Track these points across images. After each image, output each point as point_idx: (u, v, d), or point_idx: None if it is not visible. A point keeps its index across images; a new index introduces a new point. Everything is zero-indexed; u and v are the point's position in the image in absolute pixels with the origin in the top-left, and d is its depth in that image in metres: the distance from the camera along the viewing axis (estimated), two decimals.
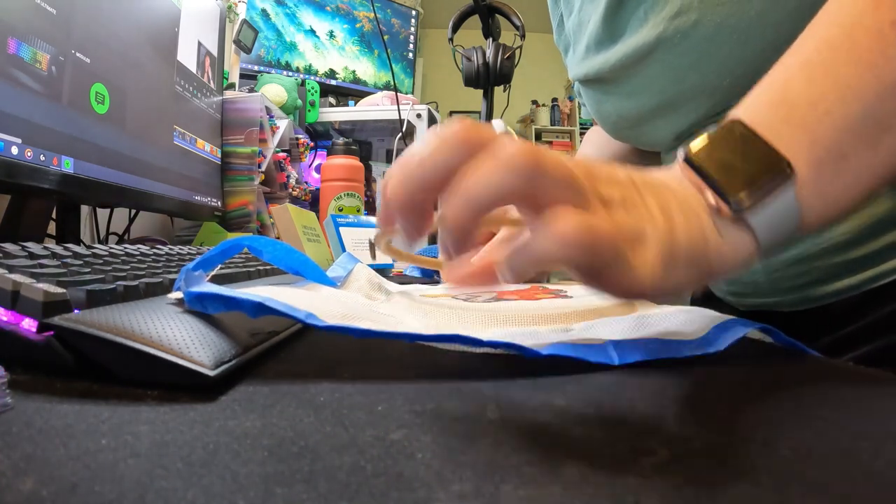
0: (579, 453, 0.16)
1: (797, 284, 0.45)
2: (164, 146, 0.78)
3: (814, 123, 0.27)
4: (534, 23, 1.83)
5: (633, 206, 0.25)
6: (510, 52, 1.22)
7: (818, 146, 0.27)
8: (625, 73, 0.49)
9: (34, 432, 0.17)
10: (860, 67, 0.28)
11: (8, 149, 0.49)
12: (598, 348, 0.27)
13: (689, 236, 0.26)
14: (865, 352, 0.42)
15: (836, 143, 0.27)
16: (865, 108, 0.27)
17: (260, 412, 0.19)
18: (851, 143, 0.27)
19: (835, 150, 0.27)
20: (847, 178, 0.28)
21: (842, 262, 0.42)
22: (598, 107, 0.56)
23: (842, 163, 0.27)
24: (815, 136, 0.27)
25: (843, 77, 0.28)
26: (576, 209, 0.22)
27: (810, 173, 0.27)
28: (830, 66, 0.28)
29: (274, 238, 0.38)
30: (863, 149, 0.27)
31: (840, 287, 0.42)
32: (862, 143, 0.27)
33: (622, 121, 0.54)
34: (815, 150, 0.27)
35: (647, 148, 0.58)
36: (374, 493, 0.13)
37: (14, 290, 0.23)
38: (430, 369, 0.26)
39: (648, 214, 0.25)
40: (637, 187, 0.26)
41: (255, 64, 1.51)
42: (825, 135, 0.27)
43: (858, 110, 0.27)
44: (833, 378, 0.25)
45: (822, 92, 0.28)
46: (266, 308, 0.26)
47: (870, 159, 0.28)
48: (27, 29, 0.51)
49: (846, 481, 0.14)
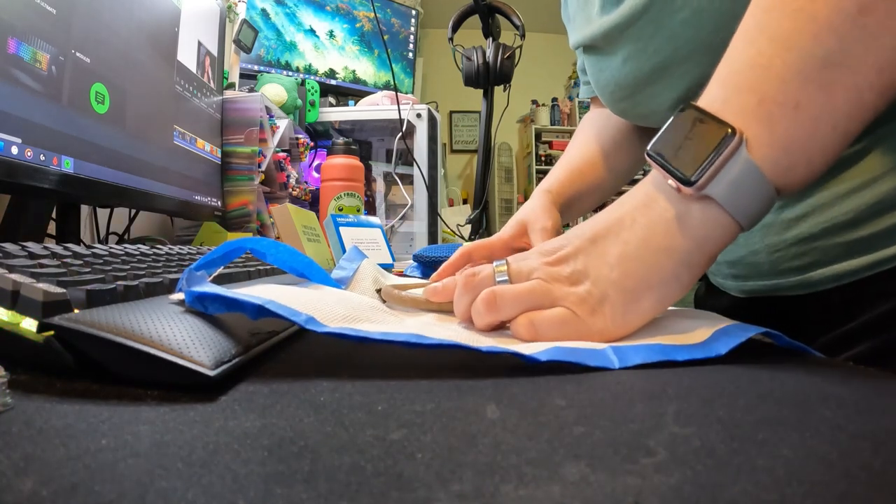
0: (579, 453, 0.16)
1: (798, 265, 0.45)
2: (164, 146, 0.78)
3: (757, 82, 0.28)
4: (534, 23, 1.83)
5: (580, 276, 0.32)
6: (510, 52, 1.22)
7: (767, 102, 0.28)
8: (621, 35, 0.50)
9: (34, 432, 0.17)
10: (790, 15, 0.28)
11: (8, 149, 0.49)
12: (598, 353, 0.27)
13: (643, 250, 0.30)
14: (864, 350, 0.42)
15: (784, 94, 0.28)
16: (804, 51, 0.28)
17: (260, 412, 0.19)
18: (800, 90, 0.28)
19: (784, 102, 0.28)
20: (807, 126, 0.28)
21: (843, 242, 0.42)
22: (598, 76, 0.57)
23: (796, 112, 0.28)
24: (761, 95, 0.28)
25: (776, 30, 0.29)
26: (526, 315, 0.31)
27: (763, 130, 0.28)
28: (765, 24, 0.29)
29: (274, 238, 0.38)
30: (815, 93, 0.28)
31: (840, 271, 0.42)
32: (811, 87, 0.28)
33: (619, 89, 0.54)
34: (764, 107, 0.28)
35: (643, 122, 0.58)
36: (374, 493, 0.13)
37: (14, 290, 0.23)
38: (430, 369, 0.26)
39: (596, 273, 0.31)
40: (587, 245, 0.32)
41: (255, 64, 1.51)
42: (769, 88, 0.28)
43: (797, 56, 0.28)
44: (833, 378, 0.25)
45: (760, 50, 0.29)
46: (267, 311, 0.26)
47: (826, 102, 0.28)
48: (27, 29, 0.51)
49: (846, 481, 0.14)
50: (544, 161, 4.77)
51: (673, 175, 0.29)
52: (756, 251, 0.48)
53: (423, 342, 0.26)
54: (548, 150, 4.81)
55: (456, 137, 5.10)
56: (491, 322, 0.32)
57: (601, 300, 0.31)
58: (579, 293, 0.31)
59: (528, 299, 0.31)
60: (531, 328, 0.30)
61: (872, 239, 0.40)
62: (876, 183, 0.39)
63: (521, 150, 5.04)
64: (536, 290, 0.32)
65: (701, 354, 0.27)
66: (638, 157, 0.70)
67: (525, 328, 0.31)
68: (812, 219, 0.43)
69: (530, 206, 0.64)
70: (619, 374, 0.25)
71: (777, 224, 0.45)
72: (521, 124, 5.01)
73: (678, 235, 0.30)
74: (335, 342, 0.31)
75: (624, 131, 0.69)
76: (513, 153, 4.97)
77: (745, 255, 0.50)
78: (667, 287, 0.31)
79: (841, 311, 0.43)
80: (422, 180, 1.39)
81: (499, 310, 0.32)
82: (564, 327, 0.30)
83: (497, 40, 1.26)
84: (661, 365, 0.26)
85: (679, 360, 0.26)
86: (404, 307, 0.40)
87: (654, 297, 0.31)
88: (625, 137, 0.69)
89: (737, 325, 0.30)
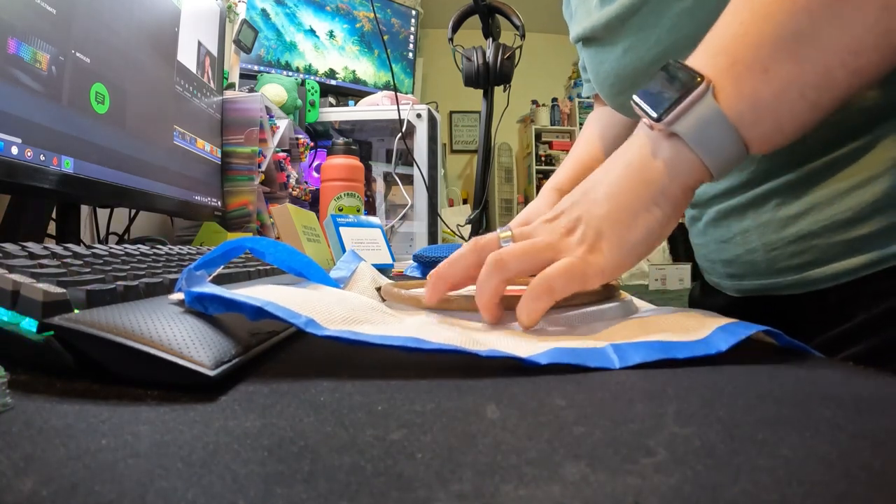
0: (579, 453, 0.16)
1: (795, 264, 0.45)
2: (164, 146, 0.78)
3: (732, 46, 0.32)
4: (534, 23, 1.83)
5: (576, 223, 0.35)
6: (510, 52, 1.22)
7: (738, 63, 0.32)
8: (622, 26, 0.50)
9: (34, 432, 0.17)
10: None
11: (8, 149, 0.49)
12: (598, 353, 0.27)
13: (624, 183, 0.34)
14: (861, 349, 0.42)
15: (755, 58, 0.32)
16: (778, 26, 0.31)
17: (260, 412, 0.19)
18: (770, 57, 0.31)
19: (753, 64, 0.31)
20: (774, 88, 0.31)
21: (841, 241, 0.42)
22: (598, 69, 0.57)
23: (765, 74, 0.31)
24: (734, 57, 0.32)
25: (758, 4, 0.32)
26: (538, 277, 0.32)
27: (731, 85, 0.31)
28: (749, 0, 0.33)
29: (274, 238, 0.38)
30: (784, 62, 0.31)
31: (838, 270, 0.42)
32: (781, 56, 0.31)
33: (619, 81, 0.54)
34: (735, 67, 0.32)
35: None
36: (374, 493, 0.13)
37: (14, 290, 0.23)
38: (430, 369, 0.26)
39: (588, 215, 0.34)
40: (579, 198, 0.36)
41: (255, 64, 1.51)
42: (743, 53, 0.32)
43: (772, 29, 0.31)
44: (833, 378, 0.25)
45: (741, 20, 0.33)
46: (266, 312, 0.26)
47: (795, 72, 0.31)
48: (27, 29, 0.51)
49: (846, 481, 0.14)
50: (544, 161, 4.77)
51: (646, 113, 0.33)
52: (753, 249, 0.48)
53: (423, 346, 0.26)
54: (548, 150, 4.81)
55: (456, 137, 5.10)
56: (498, 283, 0.33)
57: (597, 237, 0.34)
58: (577, 238, 0.34)
59: (532, 253, 0.34)
60: (546, 286, 0.32)
61: (872, 237, 0.40)
62: (876, 181, 0.39)
63: (521, 150, 5.04)
64: (538, 244, 0.34)
65: (701, 351, 0.27)
66: None
67: (541, 289, 0.32)
68: (811, 216, 0.43)
69: (537, 204, 0.64)
70: (619, 373, 0.25)
71: (775, 222, 0.45)
72: (521, 124, 5.01)
73: (651, 167, 0.34)
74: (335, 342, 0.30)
75: (628, 127, 0.69)
76: (513, 153, 4.98)
77: (742, 254, 0.49)
78: (650, 214, 0.33)
79: (838, 310, 0.43)
80: (422, 180, 1.39)
81: (505, 266, 0.33)
82: (572, 276, 0.32)
83: (497, 40, 1.26)
84: (661, 365, 0.26)
85: (680, 357, 0.26)
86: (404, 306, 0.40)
87: (642, 225, 0.33)
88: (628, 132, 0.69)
89: (737, 323, 0.30)
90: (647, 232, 0.34)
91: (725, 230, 0.50)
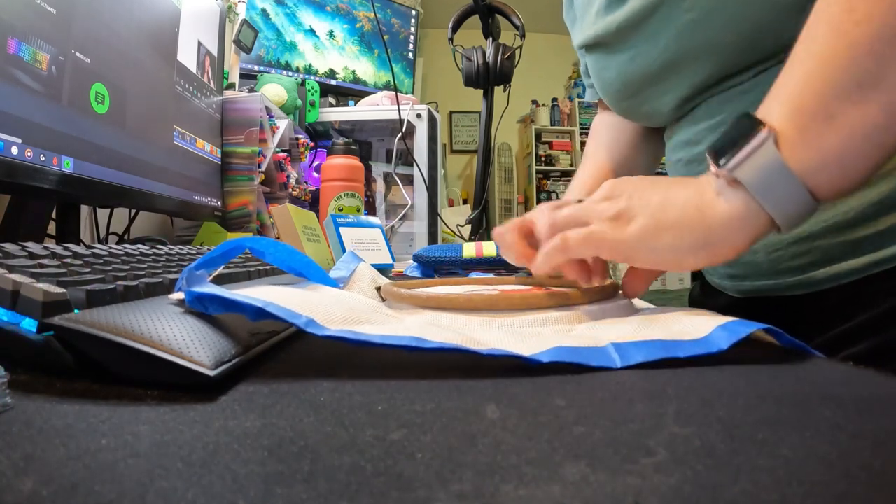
0: (579, 453, 0.16)
1: (797, 265, 0.45)
2: (164, 146, 0.78)
3: (797, 94, 0.32)
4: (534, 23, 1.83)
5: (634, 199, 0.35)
6: (510, 52, 1.22)
7: (802, 112, 0.31)
8: (630, 32, 0.50)
9: (34, 432, 0.17)
10: (833, 39, 0.31)
11: (8, 149, 0.49)
12: (600, 352, 0.27)
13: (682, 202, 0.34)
14: (862, 349, 0.42)
15: (818, 106, 0.31)
16: (842, 72, 0.31)
17: (260, 412, 0.19)
18: (835, 103, 0.31)
19: (817, 112, 0.31)
20: (840, 135, 0.31)
21: (844, 242, 0.42)
22: (603, 74, 0.57)
23: (830, 122, 0.31)
24: (798, 104, 0.32)
25: (820, 48, 0.32)
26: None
27: (795, 134, 0.31)
28: (811, 42, 0.33)
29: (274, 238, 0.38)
30: (849, 107, 0.30)
31: (840, 270, 0.42)
32: (846, 102, 0.31)
33: (626, 87, 0.54)
34: (798, 115, 0.31)
35: (649, 122, 0.58)
36: (374, 493, 0.13)
37: (14, 290, 0.23)
38: (430, 369, 0.26)
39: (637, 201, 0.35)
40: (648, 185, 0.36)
41: (255, 64, 1.51)
42: (807, 100, 0.31)
43: (836, 74, 0.31)
44: (833, 378, 0.25)
45: (805, 68, 0.32)
46: (266, 313, 0.26)
47: (861, 116, 0.30)
48: (27, 29, 0.51)
49: (846, 481, 0.14)
50: (544, 161, 4.77)
51: (711, 158, 0.33)
52: (754, 250, 0.48)
53: (423, 346, 0.26)
54: (548, 150, 4.81)
55: (456, 137, 5.10)
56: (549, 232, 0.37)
57: (630, 219, 0.35)
58: (614, 209, 0.35)
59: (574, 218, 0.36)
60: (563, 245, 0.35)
61: (874, 238, 0.40)
62: (879, 182, 0.39)
63: (521, 150, 5.04)
64: (582, 210, 0.37)
65: (703, 350, 0.27)
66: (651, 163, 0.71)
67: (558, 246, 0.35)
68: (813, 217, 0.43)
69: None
70: (619, 373, 0.25)
71: None
72: (521, 124, 5.01)
73: (711, 202, 0.33)
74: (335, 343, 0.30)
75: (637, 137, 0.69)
76: (513, 153, 4.97)
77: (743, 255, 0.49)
78: (681, 237, 0.33)
79: (839, 310, 0.43)
80: (422, 180, 1.39)
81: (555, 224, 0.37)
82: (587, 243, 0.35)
83: (497, 40, 1.26)
84: (662, 364, 0.26)
85: (681, 356, 0.26)
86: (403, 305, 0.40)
87: (670, 237, 0.34)
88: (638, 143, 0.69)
89: (738, 322, 0.30)
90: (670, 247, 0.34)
91: None
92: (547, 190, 4.77)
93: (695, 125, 0.51)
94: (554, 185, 4.78)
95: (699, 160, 0.51)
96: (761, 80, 0.44)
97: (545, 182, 4.79)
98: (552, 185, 4.78)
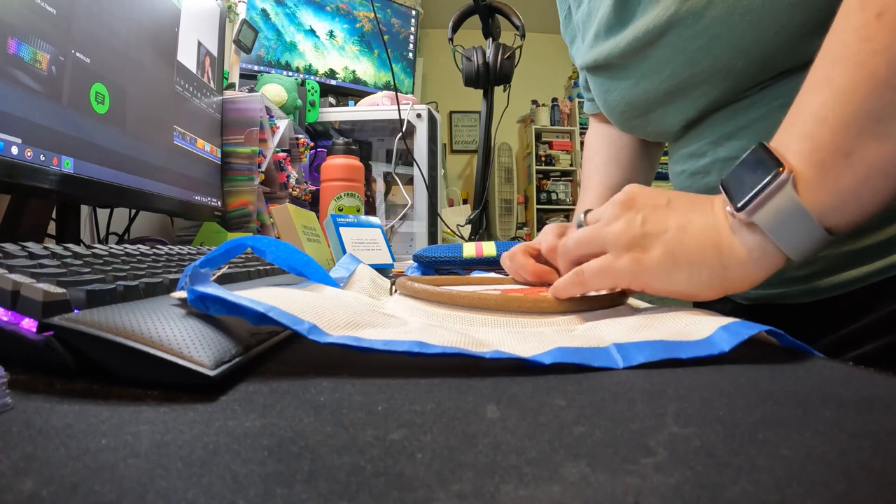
0: (579, 453, 0.16)
1: (803, 275, 0.45)
2: (164, 146, 0.78)
3: (814, 131, 0.31)
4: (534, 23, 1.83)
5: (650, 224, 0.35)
6: (510, 52, 1.22)
7: (820, 150, 0.30)
8: (634, 57, 0.49)
9: (34, 432, 0.17)
10: (852, 69, 0.30)
11: (8, 149, 0.49)
12: (602, 353, 0.27)
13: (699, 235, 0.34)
14: (867, 351, 0.42)
15: (836, 144, 0.30)
16: (860, 106, 0.29)
17: (260, 412, 0.19)
18: (852, 140, 0.30)
19: (835, 150, 0.30)
20: (858, 173, 0.30)
21: (850, 251, 0.41)
22: (606, 96, 0.56)
23: (847, 160, 0.30)
24: (816, 143, 0.31)
25: (838, 82, 0.30)
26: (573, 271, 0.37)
27: (814, 174, 0.30)
28: (828, 74, 0.31)
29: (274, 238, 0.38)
30: (867, 143, 0.30)
31: (847, 278, 0.42)
32: (864, 138, 0.29)
33: (630, 109, 0.54)
34: (816, 154, 0.30)
35: (654, 138, 0.58)
36: (374, 493, 0.13)
37: (14, 290, 0.23)
38: (430, 369, 0.26)
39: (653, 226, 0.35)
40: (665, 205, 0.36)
41: (255, 64, 1.51)
42: (825, 139, 0.30)
43: (854, 110, 0.30)
44: (833, 378, 0.25)
45: (822, 101, 0.31)
46: (269, 319, 0.26)
47: (879, 152, 0.30)
48: (27, 29, 0.51)
49: (846, 481, 0.14)
50: (544, 161, 4.77)
51: (727, 196, 0.33)
52: None
53: (426, 351, 0.26)
54: (548, 150, 4.81)
55: (456, 137, 5.10)
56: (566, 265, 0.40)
57: (645, 249, 0.35)
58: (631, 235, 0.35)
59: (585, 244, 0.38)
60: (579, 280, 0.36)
61: (879, 247, 0.40)
62: None
63: (521, 150, 5.04)
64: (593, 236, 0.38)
65: (704, 352, 0.27)
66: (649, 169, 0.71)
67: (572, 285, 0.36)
68: None
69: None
70: (620, 373, 0.25)
71: None
72: (521, 124, 5.01)
73: (728, 241, 0.33)
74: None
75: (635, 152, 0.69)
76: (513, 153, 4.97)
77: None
78: (699, 273, 0.33)
79: (843, 316, 0.43)
80: (422, 180, 1.39)
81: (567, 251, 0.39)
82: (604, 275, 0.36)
83: (497, 40, 1.26)
84: (662, 364, 0.26)
85: (683, 357, 0.26)
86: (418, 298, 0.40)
87: (687, 272, 0.34)
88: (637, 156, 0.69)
89: (740, 323, 0.30)
90: (689, 282, 0.34)
91: None
92: (547, 190, 4.77)
93: (700, 138, 0.50)
94: (554, 185, 4.78)
95: (703, 172, 0.50)
96: (768, 93, 0.43)
97: (545, 182, 4.79)
98: (552, 185, 4.78)
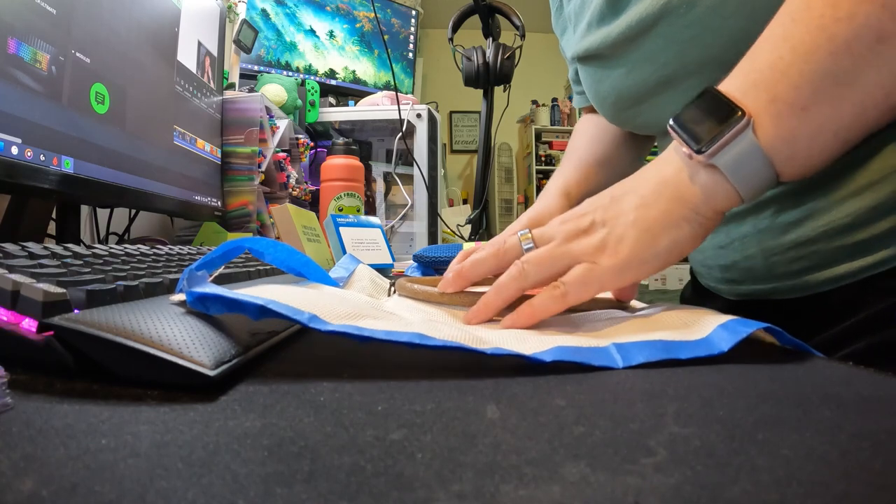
0: (579, 453, 0.16)
1: (795, 269, 0.45)
2: (164, 146, 0.78)
3: (773, 83, 0.32)
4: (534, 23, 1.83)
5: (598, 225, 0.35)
6: (510, 52, 1.22)
7: (778, 101, 0.32)
8: (626, 47, 0.49)
9: (34, 432, 0.17)
10: (813, 31, 0.32)
11: (8, 149, 0.49)
12: (602, 352, 0.27)
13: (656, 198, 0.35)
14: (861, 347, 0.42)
15: (794, 98, 0.32)
16: (819, 66, 0.31)
17: (260, 412, 0.19)
18: (809, 98, 0.32)
19: (793, 104, 0.32)
20: (811, 128, 0.32)
21: (841, 246, 0.41)
22: (597, 87, 0.56)
23: (803, 114, 0.32)
24: (774, 94, 0.32)
25: (798, 41, 0.32)
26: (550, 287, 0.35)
27: (770, 122, 0.32)
28: (789, 34, 0.33)
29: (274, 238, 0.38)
30: (823, 103, 0.32)
31: (838, 273, 0.42)
32: (820, 98, 0.32)
33: (621, 100, 0.53)
34: (775, 105, 0.32)
35: (643, 131, 0.58)
36: (374, 493, 0.13)
37: (14, 290, 0.23)
38: (430, 369, 0.26)
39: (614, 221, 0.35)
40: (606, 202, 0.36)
41: (255, 64, 1.51)
42: (783, 91, 0.32)
43: (813, 68, 0.31)
44: (833, 378, 0.25)
45: (781, 56, 0.33)
46: (269, 311, 0.26)
47: (832, 112, 0.32)
48: (27, 29, 0.51)
49: (846, 481, 0.14)
50: (544, 161, 4.77)
51: (687, 143, 0.33)
52: (751, 256, 0.48)
53: (427, 343, 0.26)
54: (548, 150, 4.81)
55: (456, 137, 5.10)
56: (515, 292, 0.36)
57: (619, 240, 0.34)
58: (597, 240, 0.35)
59: (549, 262, 0.36)
60: (561, 294, 0.34)
61: (872, 241, 0.40)
62: (875, 187, 0.39)
63: (521, 150, 5.04)
64: (555, 253, 0.36)
65: (704, 352, 0.27)
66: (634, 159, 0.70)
67: (557, 294, 0.34)
68: (810, 223, 0.42)
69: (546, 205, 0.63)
70: (620, 373, 0.25)
71: (774, 228, 0.45)
72: (521, 124, 5.01)
73: (688, 188, 0.34)
74: (335, 341, 0.31)
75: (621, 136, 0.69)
76: (513, 153, 4.97)
77: (740, 260, 0.49)
78: (679, 229, 0.34)
79: (836, 311, 0.43)
80: (422, 180, 1.39)
81: (526, 276, 0.36)
82: (587, 283, 0.34)
83: (497, 40, 1.26)
84: (662, 364, 0.26)
85: (682, 358, 0.26)
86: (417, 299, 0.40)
87: (669, 237, 0.34)
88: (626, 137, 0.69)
89: (738, 321, 0.30)
90: (673, 245, 0.34)
91: (724, 236, 0.50)
92: None
93: None
94: None
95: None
96: None
97: (545, 182, 4.77)
98: None
